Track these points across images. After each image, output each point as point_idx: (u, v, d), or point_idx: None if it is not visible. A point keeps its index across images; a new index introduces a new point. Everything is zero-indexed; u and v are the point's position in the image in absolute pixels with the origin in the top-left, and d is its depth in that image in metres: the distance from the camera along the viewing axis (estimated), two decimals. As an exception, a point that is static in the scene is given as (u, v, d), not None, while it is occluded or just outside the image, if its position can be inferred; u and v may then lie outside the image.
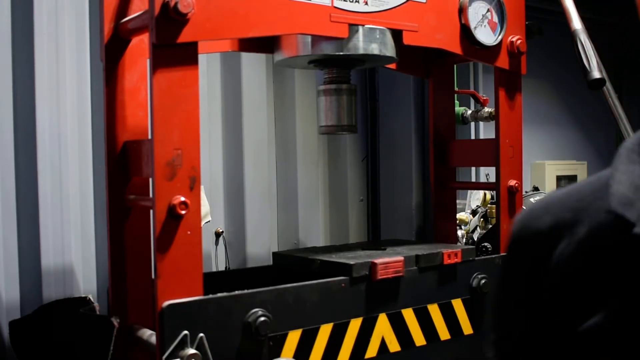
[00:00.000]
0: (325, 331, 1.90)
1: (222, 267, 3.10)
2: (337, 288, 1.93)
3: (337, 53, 2.05)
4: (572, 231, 0.70)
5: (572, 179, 5.14)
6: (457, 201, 2.83)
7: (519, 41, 2.32)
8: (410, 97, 3.58)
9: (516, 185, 2.36)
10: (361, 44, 2.03)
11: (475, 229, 3.38)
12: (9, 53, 2.46)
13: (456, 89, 2.82)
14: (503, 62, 2.32)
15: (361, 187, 3.69)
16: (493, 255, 2.34)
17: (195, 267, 1.67)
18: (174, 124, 1.65)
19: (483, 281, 2.22)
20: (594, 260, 0.68)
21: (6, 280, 2.44)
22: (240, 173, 3.14)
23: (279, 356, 1.80)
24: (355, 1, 1.98)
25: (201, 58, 1.75)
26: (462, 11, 2.20)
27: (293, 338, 1.84)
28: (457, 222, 3.10)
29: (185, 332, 1.62)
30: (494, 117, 2.58)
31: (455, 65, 2.77)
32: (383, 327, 2.03)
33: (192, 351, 1.61)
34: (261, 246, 3.18)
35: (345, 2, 1.96)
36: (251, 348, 1.74)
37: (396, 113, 3.63)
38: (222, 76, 3.12)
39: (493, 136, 2.40)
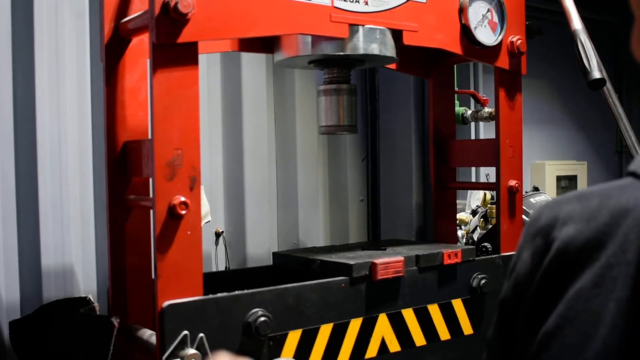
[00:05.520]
0: (325, 331, 1.90)
1: (222, 267, 3.10)
2: (337, 288, 1.93)
3: (337, 53, 2.05)
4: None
5: (572, 179, 5.15)
6: (457, 201, 2.83)
7: (519, 41, 2.32)
8: (410, 97, 3.58)
9: (516, 185, 2.36)
10: (361, 44, 2.03)
11: (475, 229, 3.39)
12: (9, 53, 2.46)
13: (456, 89, 2.82)
14: (503, 62, 2.32)
15: (361, 187, 3.69)
16: (493, 255, 2.34)
17: (195, 267, 1.67)
18: (174, 124, 1.65)
19: (483, 281, 2.22)
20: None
21: (6, 280, 2.44)
22: (240, 173, 3.14)
23: (279, 356, 1.80)
24: (356, 1, 1.98)
25: (201, 58, 1.75)
26: (462, 11, 2.20)
27: (293, 338, 1.84)
28: (457, 222, 3.10)
29: (185, 332, 1.62)
30: (494, 117, 2.58)
31: (455, 65, 2.77)
32: (383, 327, 2.03)
33: (192, 351, 1.61)
34: (261, 246, 3.19)
35: (345, 2, 1.96)
36: (251, 348, 1.74)
37: (396, 113, 3.63)
38: (222, 76, 3.13)
39: (493, 136, 2.40)
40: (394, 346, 2.05)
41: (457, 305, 2.20)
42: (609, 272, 0.60)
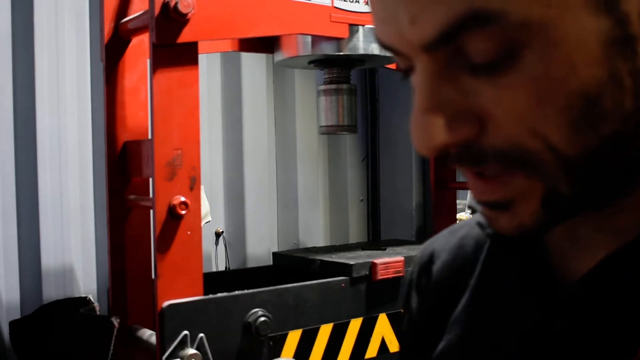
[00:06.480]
0: (325, 331, 1.90)
1: (222, 267, 3.10)
2: (337, 288, 1.93)
3: (337, 53, 2.05)
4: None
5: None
6: (457, 201, 2.83)
7: (519, 41, 2.31)
8: (410, 97, 3.57)
9: (516, 185, 2.36)
10: (361, 44, 2.03)
11: (475, 229, 3.38)
12: (9, 53, 2.47)
13: (456, 88, 2.82)
14: (503, 62, 2.32)
15: (361, 187, 3.69)
16: (493, 255, 2.34)
17: (195, 267, 1.67)
18: (174, 124, 1.65)
19: (483, 281, 2.22)
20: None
21: (6, 280, 2.44)
22: (240, 173, 3.14)
23: (279, 356, 1.80)
24: (356, 1, 1.98)
25: (201, 58, 1.75)
26: (462, 11, 2.20)
27: (293, 338, 1.84)
28: (457, 222, 3.10)
29: (185, 332, 1.62)
30: (494, 117, 2.57)
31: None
32: (383, 327, 2.03)
33: (192, 351, 1.61)
34: (261, 246, 3.19)
35: (345, 2, 1.96)
36: (251, 348, 1.74)
37: (396, 113, 3.63)
38: (222, 76, 3.13)
39: (493, 136, 2.39)
40: (394, 346, 2.05)
41: (457, 305, 2.20)
42: (471, 294, 0.65)
